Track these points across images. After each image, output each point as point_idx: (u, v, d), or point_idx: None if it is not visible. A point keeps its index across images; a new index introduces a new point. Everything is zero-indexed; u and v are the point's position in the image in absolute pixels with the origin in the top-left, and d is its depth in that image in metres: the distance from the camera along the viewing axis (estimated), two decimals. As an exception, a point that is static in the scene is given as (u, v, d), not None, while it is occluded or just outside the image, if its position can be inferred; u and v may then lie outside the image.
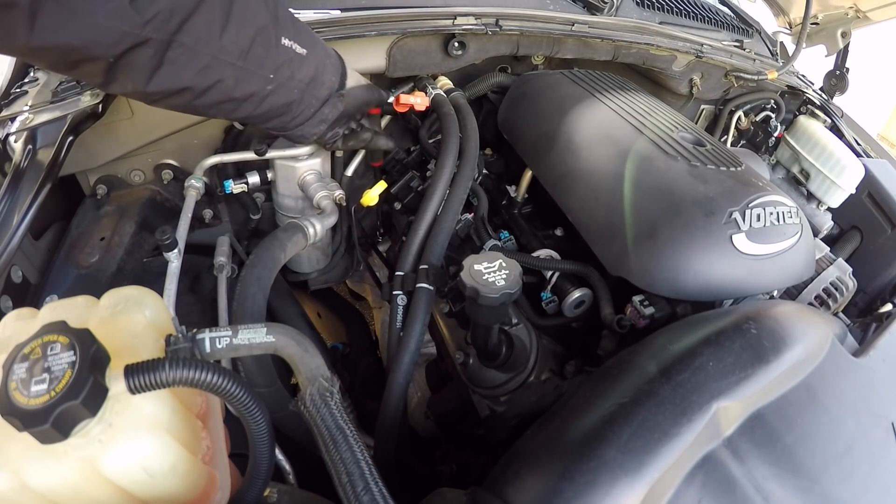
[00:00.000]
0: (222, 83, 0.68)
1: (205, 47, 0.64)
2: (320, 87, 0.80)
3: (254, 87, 0.72)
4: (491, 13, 1.09)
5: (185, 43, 0.62)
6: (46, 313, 0.46)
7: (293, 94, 0.77)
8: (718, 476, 0.56)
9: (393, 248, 1.29)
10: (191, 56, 0.64)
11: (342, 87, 0.85)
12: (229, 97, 0.71)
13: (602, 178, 0.90)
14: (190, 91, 0.67)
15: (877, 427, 0.68)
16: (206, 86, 0.67)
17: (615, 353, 0.78)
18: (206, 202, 1.04)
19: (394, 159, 1.25)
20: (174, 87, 0.66)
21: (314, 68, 0.78)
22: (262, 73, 0.71)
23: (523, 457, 0.57)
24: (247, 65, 0.69)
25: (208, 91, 0.68)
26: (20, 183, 0.76)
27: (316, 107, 0.81)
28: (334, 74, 0.83)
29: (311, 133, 0.85)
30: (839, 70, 1.70)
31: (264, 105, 0.75)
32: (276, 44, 0.71)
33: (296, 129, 0.83)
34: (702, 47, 1.33)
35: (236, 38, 0.66)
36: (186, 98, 0.68)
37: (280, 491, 0.57)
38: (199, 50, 0.64)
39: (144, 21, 0.58)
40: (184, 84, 0.66)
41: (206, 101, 0.69)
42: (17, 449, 0.38)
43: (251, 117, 0.77)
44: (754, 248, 0.80)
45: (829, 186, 1.36)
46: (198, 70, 0.65)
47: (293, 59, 0.74)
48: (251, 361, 0.76)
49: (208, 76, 0.67)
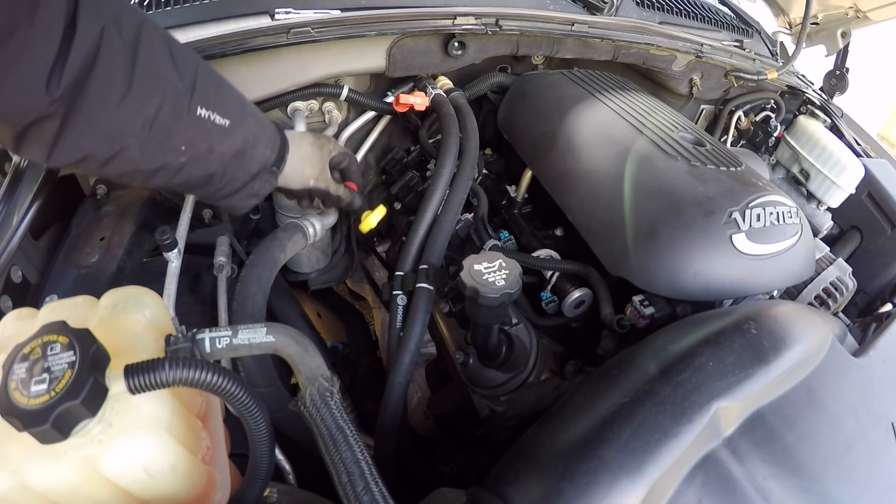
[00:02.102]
0: (126, 152, 0.63)
1: (101, 114, 0.59)
2: (249, 160, 0.75)
3: (163, 159, 0.66)
4: (491, 13, 1.09)
5: (84, 110, 0.57)
6: (46, 313, 0.46)
7: (213, 166, 0.71)
8: (718, 476, 0.56)
9: (392, 248, 1.29)
10: (89, 124, 0.59)
11: (280, 162, 0.80)
12: (136, 168, 0.65)
13: (602, 178, 0.90)
14: (93, 159, 0.62)
15: (877, 427, 0.68)
16: (109, 155, 0.62)
17: (615, 353, 0.78)
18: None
19: (393, 159, 1.25)
20: (75, 157, 0.61)
21: (242, 140, 0.72)
22: (172, 145, 0.66)
23: (523, 457, 0.57)
24: (152, 135, 0.63)
25: (112, 160, 0.63)
26: (20, 183, 0.76)
27: (244, 180, 0.76)
28: (269, 148, 0.78)
29: (240, 206, 0.79)
30: (839, 70, 1.70)
31: (179, 176, 0.69)
32: (188, 114, 0.66)
33: (223, 201, 0.77)
34: (702, 47, 1.33)
35: (139, 107, 0.61)
36: (92, 166, 0.63)
37: (280, 491, 0.57)
38: (95, 117, 0.59)
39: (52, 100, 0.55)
40: (84, 153, 0.61)
41: (113, 171, 0.64)
42: (17, 449, 0.38)
43: (169, 187, 0.72)
44: (754, 248, 0.80)
45: (829, 186, 1.36)
46: (98, 139, 0.60)
47: (211, 130, 0.68)
48: (251, 361, 0.76)
49: (110, 145, 0.62)
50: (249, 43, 0.90)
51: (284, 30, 0.92)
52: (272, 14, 0.96)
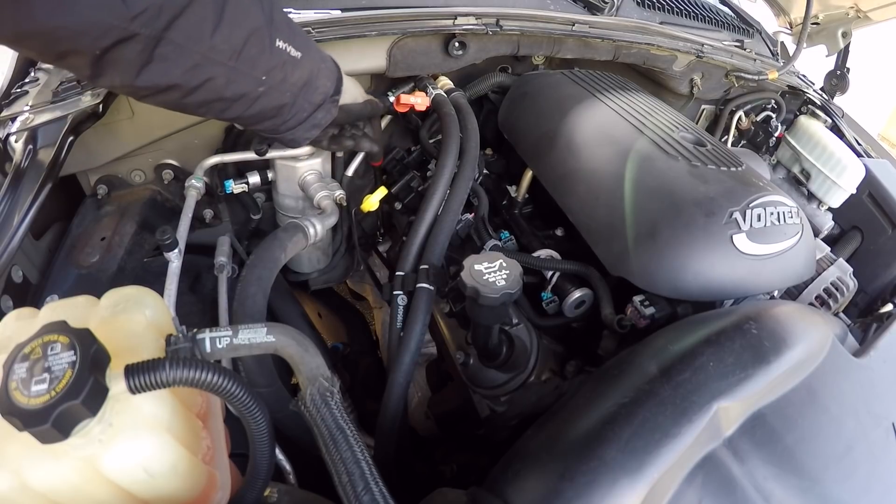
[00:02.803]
0: (212, 82, 0.67)
1: (195, 45, 0.63)
2: (314, 91, 0.79)
3: (245, 87, 0.70)
4: (491, 13, 1.09)
5: (175, 40, 0.61)
6: (47, 313, 0.46)
7: (285, 97, 0.75)
8: (719, 476, 0.56)
9: (393, 248, 1.29)
10: (180, 54, 0.62)
11: (337, 93, 0.84)
12: (219, 97, 0.69)
13: (602, 178, 0.90)
14: (179, 89, 0.66)
15: (877, 427, 0.68)
16: (196, 84, 0.66)
17: (615, 353, 0.78)
18: (207, 202, 1.03)
19: (394, 159, 1.25)
20: (162, 84, 0.64)
21: (308, 72, 0.76)
22: (254, 75, 0.70)
23: (523, 457, 0.57)
24: (238, 65, 0.67)
25: (198, 89, 0.67)
26: (21, 183, 0.76)
27: (309, 111, 0.80)
28: (329, 80, 0.82)
29: (303, 137, 0.83)
30: (840, 70, 1.70)
31: (255, 106, 0.73)
32: (269, 45, 0.70)
33: (287, 133, 0.81)
34: (702, 47, 1.33)
35: (228, 38, 0.65)
36: (175, 95, 0.67)
37: (280, 491, 0.57)
38: (189, 48, 0.62)
39: (132, 15, 0.56)
40: (173, 81, 0.64)
41: (195, 100, 0.68)
42: (17, 449, 0.38)
43: (241, 118, 0.76)
44: (755, 248, 0.80)
45: (830, 186, 1.36)
46: (187, 68, 0.64)
47: (287, 61, 0.72)
48: (251, 361, 0.76)
49: (198, 75, 0.65)
50: (250, 43, 0.90)
51: (285, 30, 0.91)
52: (273, 14, 0.96)
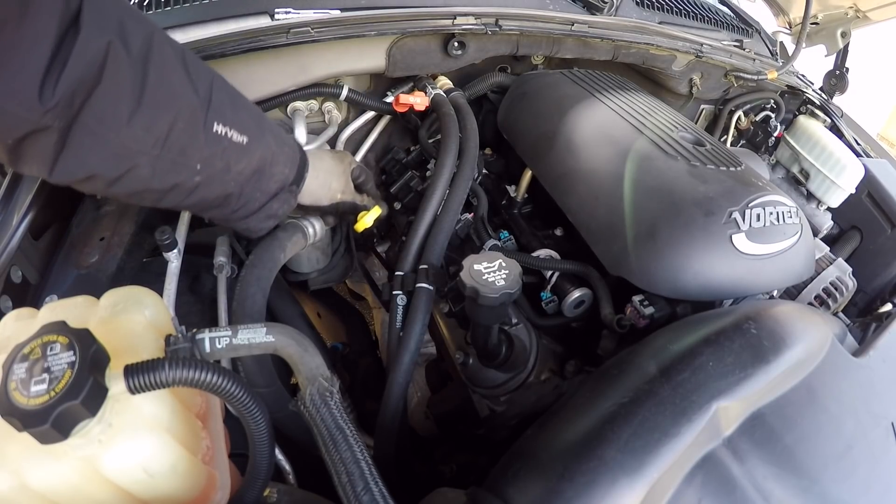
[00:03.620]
0: (136, 171, 0.59)
1: (109, 132, 0.55)
2: (267, 179, 0.72)
3: (176, 178, 0.63)
4: (491, 13, 1.09)
5: (88, 125, 0.53)
6: (46, 313, 0.46)
7: (229, 186, 0.68)
8: (718, 476, 0.56)
9: (392, 248, 1.29)
10: (94, 140, 0.55)
11: (299, 180, 0.77)
12: (147, 187, 0.62)
13: (602, 178, 0.90)
14: (100, 179, 0.59)
15: (877, 427, 0.68)
16: (118, 174, 0.59)
17: (615, 352, 0.78)
18: (206, 202, 1.03)
19: (393, 159, 1.25)
20: (80, 175, 0.57)
21: (259, 159, 0.69)
22: (187, 164, 0.62)
23: (523, 457, 0.57)
24: (164, 154, 0.59)
25: (121, 180, 0.59)
26: (20, 183, 0.75)
27: (262, 201, 0.72)
28: (287, 165, 0.74)
29: (257, 227, 0.76)
30: (839, 70, 1.70)
31: (193, 197, 0.66)
32: (203, 131, 0.62)
33: (240, 223, 0.74)
34: (701, 47, 1.33)
35: (149, 124, 0.57)
36: (98, 185, 0.59)
37: (280, 491, 0.58)
38: (102, 135, 0.55)
39: (45, 110, 0.50)
40: (90, 171, 0.57)
41: (122, 190, 0.61)
42: (17, 449, 0.38)
43: (182, 207, 0.69)
44: (754, 248, 0.80)
45: (829, 186, 1.36)
46: (105, 157, 0.57)
47: (227, 148, 0.65)
48: (251, 361, 0.76)
49: (118, 164, 0.58)
50: (249, 43, 0.90)
51: (284, 30, 0.91)
52: (272, 14, 0.96)
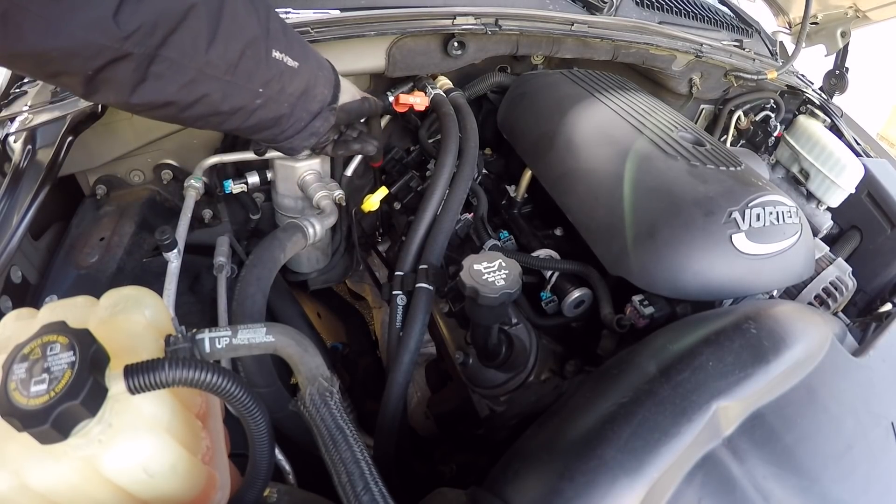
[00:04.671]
0: (209, 97, 0.66)
1: (190, 62, 0.61)
2: (311, 100, 0.78)
3: (242, 101, 0.69)
4: (490, 13, 1.09)
5: (170, 57, 0.59)
6: (46, 313, 0.46)
7: (283, 107, 0.75)
8: (718, 476, 0.56)
9: (393, 248, 1.29)
10: (175, 70, 0.61)
11: (335, 100, 0.83)
12: (216, 111, 0.68)
13: (602, 178, 0.90)
14: (175, 105, 0.65)
15: (877, 427, 0.68)
16: (192, 100, 0.65)
17: (615, 352, 0.78)
18: (206, 202, 1.03)
19: (393, 159, 1.25)
20: (158, 101, 0.63)
21: (305, 81, 0.76)
22: (251, 87, 0.69)
23: (523, 457, 0.57)
24: (235, 79, 0.66)
25: (194, 105, 0.66)
26: (20, 183, 0.76)
27: (307, 120, 0.79)
28: (326, 87, 0.80)
29: (301, 146, 0.83)
30: (839, 70, 1.70)
31: (253, 118, 0.73)
32: (265, 57, 0.68)
33: (286, 142, 0.81)
34: (701, 47, 1.33)
35: (224, 52, 0.63)
36: (171, 111, 0.66)
37: (280, 491, 0.57)
38: (184, 64, 0.61)
39: (125, 35, 0.55)
40: (168, 98, 0.63)
41: (192, 114, 0.67)
42: (16, 449, 0.38)
43: (240, 129, 0.75)
44: (754, 248, 0.80)
45: (829, 186, 1.36)
46: (183, 84, 0.63)
47: (284, 72, 0.71)
48: (251, 361, 0.76)
49: (194, 90, 0.64)
50: (249, 43, 0.90)
51: (284, 30, 0.91)
52: (272, 14, 0.96)
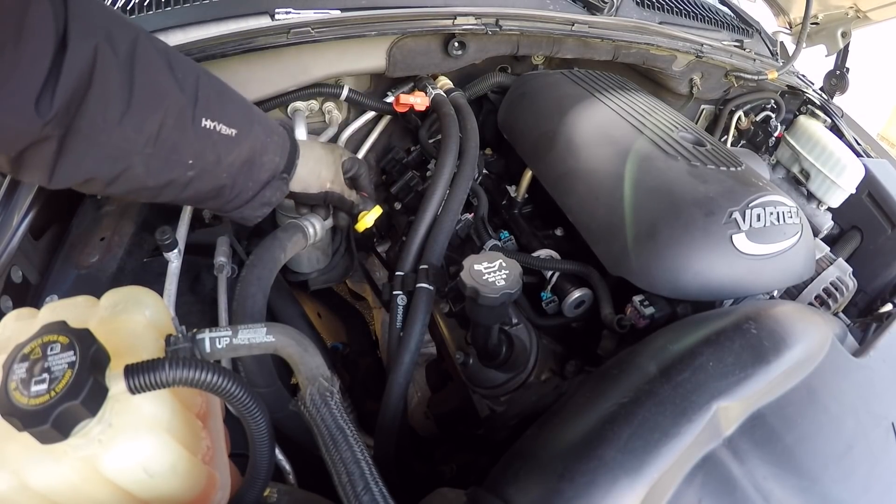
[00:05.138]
0: (131, 171, 0.62)
1: (102, 134, 0.58)
2: (258, 169, 0.74)
3: (170, 174, 0.65)
4: (491, 13, 1.09)
5: (82, 130, 0.56)
6: (46, 313, 0.46)
7: (222, 178, 0.70)
8: (718, 476, 0.56)
9: (393, 248, 1.29)
10: (89, 145, 0.57)
11: (290, 168, 0.78)
12: (143, 185, 0.64)
13: (602, 178, 0.90)
14: (97, 181, 0.61)
15: (877, 427, 0.68)
16: (113, 175, 0.61)
17: (615, 353, 0.78)
18: (206, 202, 1.03)
19: (394, 159, 1.25)
20: (78, 178, 0.60)
21: (249, 149, 0.71)
22: (179, 160, 0.65)
23: (523, 457, 0.57)
24: (157, 152, 0.62)
25: (117, 180, 0.62)
26: (20, 183, 0.75)
27: (255, 189, 0.75)
28: (277, 154, 0.76)
29: (252, 216, 0.78)
30: (839, 70, 1.70)
31: (188, 190, 0.68)
32: (192, 127, 0.64)
33: (235, 212, 0.76)
34: (702, 47, 1.33)
35: (140, 124, 0.59)
36: (97, 186, 0.62)
37: (280, 491, 0.57)
38: (95, 138, 0.57)
39: (45, 121, 0.53)
40: (88, 174, 0.60)
41: (119, 189, 0.64)
42: (17, 449, 0.38)
43: (178, 201, 0.72)
44: (754, 248, 0.80)
45: (830, 186, 1.36)
46: (100, 160, 0.59)
47: (217, 141, 0.67)
48: (251, 361, 0.76)
49: (114, 165, 0.61)
50: (249, 43, 0.90)
51: (284, 30, 0.92)
52: (272, 14, 0.96)
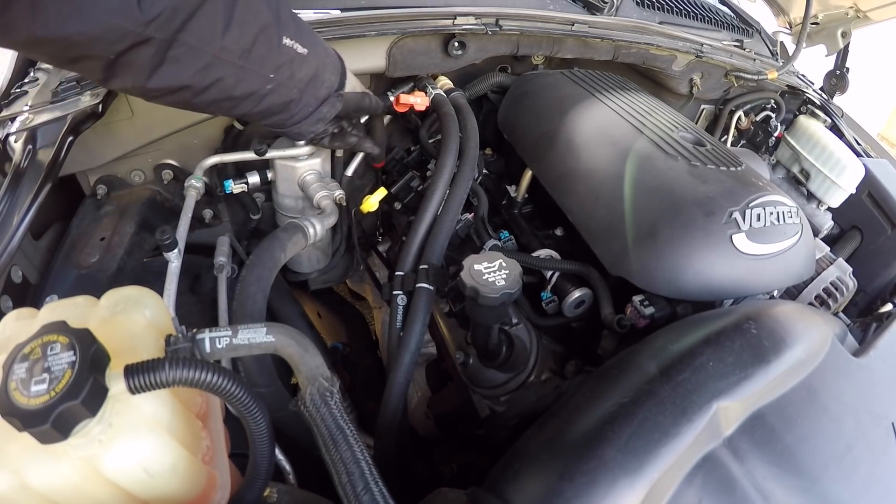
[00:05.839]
0: (222, 81, 0.68)
1: (207, 46, 0.64)
2: (320, 86, 0.81)
3: (254, 85, 0.72)
4: (491, 13, 1.09)
5: (188, 42, 0.62)
6: (46, 313, 0.46)
7: (292, 93, 0.77)
8: (718, 476, 0.56)
9: (393, 248, 1.29)
10: (192, 55, 0.64)
11: (341, 88, 0.85)
12: (228, 95, 0.71)
13: (602, 178, 0.90)
14: (189, 89, 0.67)
15: (877, 427, 0.68)
16: (207, 84, 0.68)
17: (615, 353, 0.78)
18: (206, 202, 1.03)
19: (394, 159, 1.25)
20: (174, 85, 0.66)
21: (314, 67, 0.78)
22: (263, 73, 0.71)
23: (523, 457, 0.57)
24: (248, 64, 0.69)
25: (208, 89, 0.68)
26: (20, 183, 0.75)
27: (314, 105, 0.82)
28: (334, 74, 0.83)
29: (308, 131, 0.85)
30: (839, 70, 1.70)
31: (263, 103, 0.75)
32: (277, 43, 0.71)
33: (293, 127, 0.83)
34: (702, 47, 1.33)
35: (238, 38, 0.66)
36: (186, 96, 0.68)
37: (280, 491, 0.57)
38: (201, 49, 0.64)
39: (148, 20, 0.57)
40: (184, 82, 0.66)
41: (205, 99, 0.70)
42: (17, 449, 0.38)
43: (249, 114, 0.77)
44: (754, 248, 0.80)
45: (830, 186, 1.36)
46: (199, 69, 0.65)
47: (294, 58, 0.74)
48: (251, 361, 0.76)
49: (209, 75, 0.67)
50: (249, 43, 0.90)
51: (284, 30, 0.92)
52: (272, 14, 0.96)
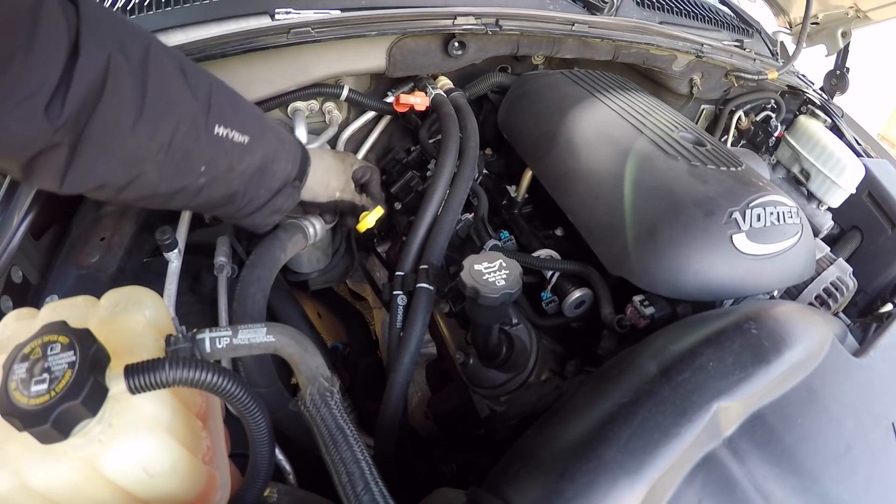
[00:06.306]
0: (143, 178, 0.61)
1: (114, 142, 0.57)
2: (270, 176, 0.74)
3: (182, 181, 0.65)
4: (491, 13, 1.09)
5: (94, 138, 0.56)
6: (46, 313, 0.46)
7: (234, 185, 0.70)
8: (718, 476, 0.56)
9: (393, 248, 1.29)
10: (101, 152, 0.57)
11: (301, 176, 0.79)
12: (154, 192, 0.64)
13: (602, 178, 0.90)
14: (109, 187, 0.61)
15: (877, 427, 0.68)
16: (126, 182, 0.61)
17: (615, 353, 0.78)
18: (207, 202, 1.03)
19: (394, 159, 1.25)
20: (90, 185, 0.59)
21: (261, 157, 0.71)
22: (190, 167, 0.64)
23: (523, 457, 0.57)
24: (169, 159, 0.62)
25: (129, 186, 0.61)
26: (20, 183, 0.75)
27: (266, 197, 0.75)
28: (290, 162, 0.76)
29: (263, 223, 0.79)
30: (839, 70, 1.70)
31: (200, 197, 0.68)
32: (205, 134, 0.64)
33: (246, 219, 0.77)
34: (702, 47, 1.33)
35: (152, 132, 0.59)
36: (109, 192, 0.62)
37: (280, 491, 0.58)
38: (108, 145, 0.57)
39: (56, 128, 0.53)
40: (98, 181, 0.59)
41: (131, 196, 0.63)
42: (17, 449, 0.38)
43: (190, 208, 0.71)
44: (754, 248, 0.80)
45: (830, 186, 1.36)
46: (112, 167, 0.59)
47: (230, 148, 0.67)
48: (251, 361, 0.76)
49: (126, 172, 0.60)
50: (250, 43, 0.90)
51: (285, 30, 0.92)
52: (272, 14, 0.96)
